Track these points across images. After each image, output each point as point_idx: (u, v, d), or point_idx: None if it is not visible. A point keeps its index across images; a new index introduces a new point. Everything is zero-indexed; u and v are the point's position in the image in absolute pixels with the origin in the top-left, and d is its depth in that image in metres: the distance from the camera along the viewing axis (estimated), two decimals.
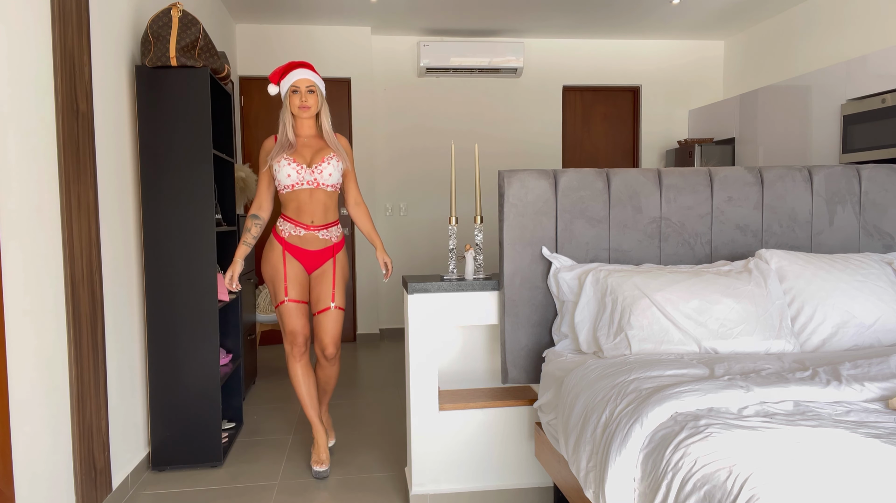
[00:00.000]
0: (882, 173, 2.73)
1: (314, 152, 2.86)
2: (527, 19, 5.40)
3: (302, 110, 2.81)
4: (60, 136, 2.26)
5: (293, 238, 2.87)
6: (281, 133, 2.85)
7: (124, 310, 2.82)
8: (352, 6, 5.03)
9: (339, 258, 2.95)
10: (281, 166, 2.80)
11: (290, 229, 2.87)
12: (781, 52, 5.26)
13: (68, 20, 2.34)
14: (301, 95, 2.80)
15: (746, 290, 2.27)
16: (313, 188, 2.83)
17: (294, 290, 2.89)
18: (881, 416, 1.58)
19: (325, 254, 2.92)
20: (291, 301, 2.88)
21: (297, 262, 2.90)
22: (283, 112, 2.86)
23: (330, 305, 2.90)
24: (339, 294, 2.93)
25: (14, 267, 1.96)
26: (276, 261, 2.88)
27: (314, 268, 2.93)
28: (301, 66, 2.84)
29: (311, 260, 2.91)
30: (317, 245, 2.89)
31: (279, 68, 2.87)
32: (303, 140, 2.87)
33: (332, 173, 2.84)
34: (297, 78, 2.80)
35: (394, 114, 5.87)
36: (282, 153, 2.81)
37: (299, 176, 2.81)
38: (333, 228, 2.93)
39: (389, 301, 5.95)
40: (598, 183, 2.57)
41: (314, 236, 2.88)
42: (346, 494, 2.77)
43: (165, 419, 2.98)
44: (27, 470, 2.01)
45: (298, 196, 2.84)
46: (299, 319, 2.91)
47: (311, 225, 2.86)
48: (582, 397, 1.95)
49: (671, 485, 1.44)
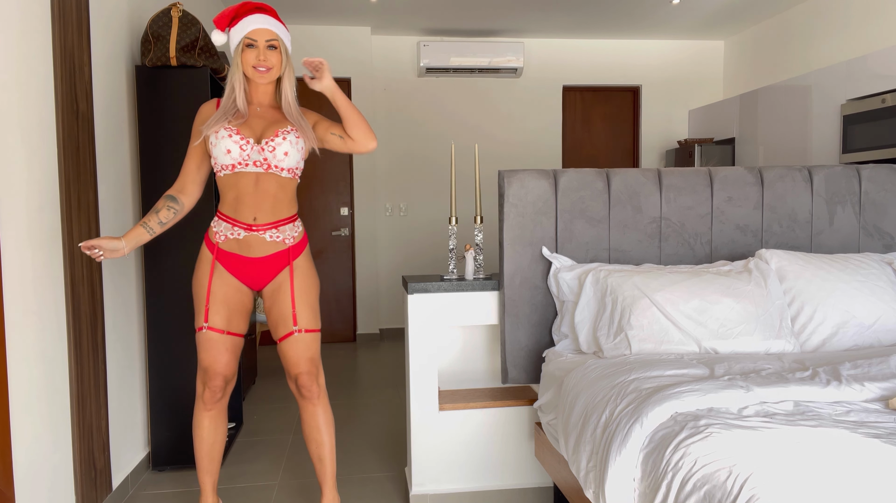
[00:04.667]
0: (882, 173, 2.73)
1: (267, 124, 2.16)
2: (527, 19, 5.40)
3: (259, 73, 2.12)
4: (60, 136, 2.26)
5: (229, 243, 2.16)
6: (227, 97, 2.15)
7: (124, 310, 2.81)
8: (352, 6, 5.03)
9: (298, 265, 2.23)
10: (219, 138, 2.09)
11: (226, 231, 2.16)
12: (781, 52, 5.26)
13: (68, 20, 2.33)
14: (259, 52, 2.10)
15: (746, 290, 2.27)
16: (261, 172, 2.12)
17: (218, 315, 2.17)
18: (881, 416, 1.58)
19: (277, 263, 2.20)
20: (212, 329, 2.17)
21: (232, 278, 2.19)
22: (231, 71, 2.14)
23: (292, 330, 2.22)
24: (303, 313, 2.23)
25: (14, 267, 1.96)
26: (201, 276, 2.19)
27: (263, 282, 2.23)
28: (259, 11, 2.12)
29: (255, 271, 2.19)
30: (262, 250, 2.17)
31: (228, 10, 2.14)
32: (255, 109, 2.19)
33: (288, 152, 2.12)
34: (254, 27, 2.09)
35: (394, 114, 5.87)
36: (222, 122, 2.10)
37: (243, 153, 2.09)
38: (287, 227, 2.20)
39: (389, 301, 5.95)
40: (598, 183, 2.57)
41: (258, 239, 2.15)
42: (346, 494, 2.77)
43: (165, 419, 2.98)
44: (27, 470, 2.01)
45: (239, 182, 2.13)
46: (221, 355, 2.19)
47: (254, 223, 2.14)
48: (582, 397, 1.95)
49: (671, 485, 1.45)
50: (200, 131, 2.16)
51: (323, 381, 2.31)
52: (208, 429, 2.28)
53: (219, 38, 2.18)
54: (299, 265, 2.24)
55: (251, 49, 2.11)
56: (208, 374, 2.22)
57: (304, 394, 2.28)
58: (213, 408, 2.26)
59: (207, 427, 2.28)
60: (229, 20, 2.14)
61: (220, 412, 2.29)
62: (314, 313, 2.27)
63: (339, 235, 5.75)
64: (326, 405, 2.32)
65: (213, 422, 2.28)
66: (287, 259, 2.22)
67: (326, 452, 2.32)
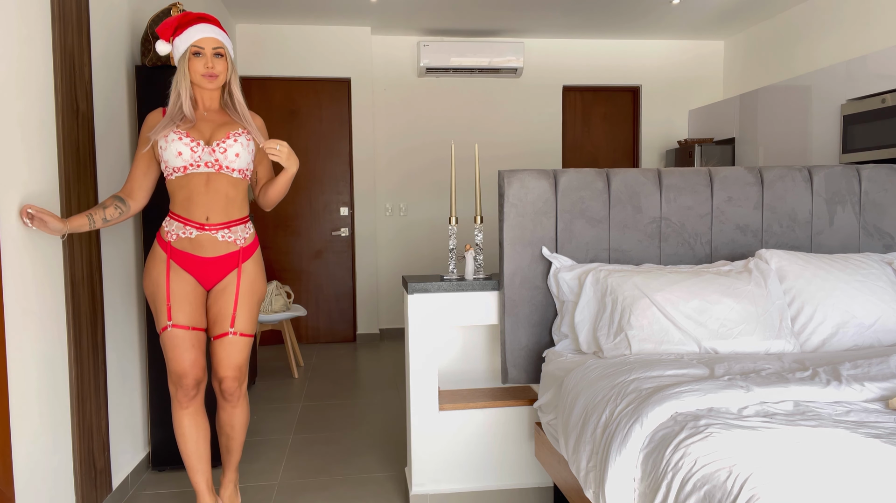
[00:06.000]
0: (882, 173, 2.73)
1: (216, 127, 2.23)
2: (527, 19, 5.40)
3: (208, 79, 2.19)
4: (60, 135, 2.26)
5: (181, 242, 2.20)
6: (172, 104, 2.21)
7: (124, 310, 2.82)
8: (352, 6, 5.03)
9: (246, 268, 2.27)
10: (169, 142, 2.15)
11: (178, 230, 2.20)
12: (781, 52, 5.26)
13: (68, 20, 2.34)
14: (206, 59, 2.18)
15: (746, 290, 2.27)
16: (212, 172, 2.19)
17: (181, 313, 2.19)
18: (881, 416, 1.58)
19: (228, 263, 2.24)
20: (176, 327, 2.19)
21: (188, 275, 2.23)
22: (177, 79, 2.20)
23: (228, 331, 2.24)
24: (242, 316, 2.25)
25: (14, 267, 1.96)
26: (157, 275, 2.22)
27: (214, 281, 2.26)
28: (203, 21, 2.21)
29: (207, 271, 2.23)
30: (214, 250, 2.22)
31: (173, 18, 2.21)
32: (202, 114, 2.26)
33: (239, 153, 2.20)
34: (200, 36, 2.17)
35: (394, 114, 5.87)
36: (171, 127, 2.17)
37: (194, 155, 2.16)
38: (238, 227, 2.26)
39: (389, 301, 5.95)
40: (598, 183, 2.57)
41: (210, 238, 2.20)
42: (346, 494, 2.77)
43: (165, 419, 2.98)
44: (27, 470, 2.01)
45: (190, 183, 2.18)
46: (188, 353, 2.20)
47: (207, 223, 2.19)
48: (582, 397, 1.95)
49: (671, 485, 1.45)
50: (148, 138, 2.22)
51: (245, 387, 2.35)
52: (189, 427, 2.29)
53: (163, 48, 2.25)
54: (247, 268, 2.28)
55: (198, 57, 2.19)
56: (178, 374, 2.23)
57: (227, 397, 2.33)
58: (190, 406, 2.28)
59: (188, 426, 2.29)
60: (173, 30, 2.23)
61: (198, 409, 2.30)
62: (252, 319, 2.31)
63: (339, 235, 5.75)
64: (245, 406, 2.39)
65: (193, 420, 2.29)
66: (237, 261, 2.27)
67: (235, 446, 2.44)
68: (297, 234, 5.71)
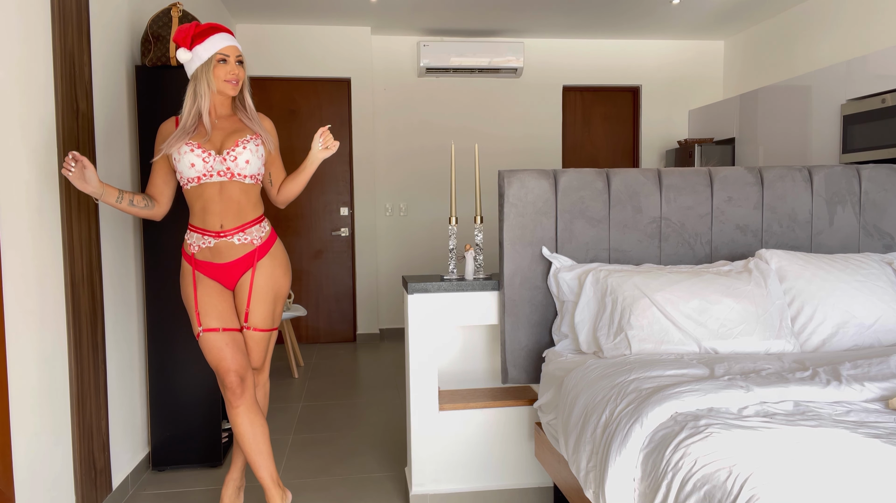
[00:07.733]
0: (882, 173, 2.73)
1: (226, 135, 2.31)
2: (527, 19, 5.40)
3: (231, 85, 2.29)
4: (60, 136, 2.26)
5: (203, 253, 2.29)
6: (189, 114, 2.27)
7: (124, 310, 2.82)
8: (352, 6, 5.03)
9: (261, 265, 2.33)
10: (182, 154, 2.22)
11: (198, 241, 2.29)
12: (781, 52, 5.26)
13: (68, 20, 2.34)
14: (231, 66, 2.27)
15: (746, 290, 2.27)
16: (225, 181, 2.26)
17: (211, 317, 2.28)
18: (881, 416, 1.58)
19: (245, 263, 2.32)
20: (207, 331, 2.26)
21: (212, 281, 2.32)
22: (197, 84, 2.26)
23: (242, 326, 2.34)
24: (256, 311, 2.33)
25: (14, 267, 1.96)
26: (186, 287, 2.33)
27: (234, 282, 2.35)
28: (223, 30, 2.31)
29: (227, 274, 2.32)
30: (233, 254, 2.30)
31: (187, 27, 2.28)
32: (213, 121, 2.34)
33: (249, 160, 2.27)
34: (225, 45, 2.27)
35: (394, 114, 5.87)
36: (183, 138, 2.24)
37: (206, 165, 2.23)
38: (254, 228, 2.33)
39: (389, 301, 5.95)
40: (598, 183, 2.57)
41: (227, 244, 2.28)
42: (346, 494, 2.77)
43: (165, 419, 2.98)
44: (27, 470, 2.01)
45: (205, 192, 2.26)
46: (225, 351, 2.26)
47: (222, 230, 2.27)
48: (582, 397, 1.95)
49: (671, 485, 1.45)
50: (161, 150, 2.29)
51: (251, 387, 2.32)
52: (244, 425, 2.30)
53: (184, 56, 2.28)
54: (262, 265, 2.34)
55: (223, 64, 2.27)
56: (219, 373, 2.28)
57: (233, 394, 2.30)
58: (240, 405, 2.28)
59: (242, 423, 2.30)
60: (191, 39, 2.27)
61: (250, 406, 2.31)
62: (267, 313, 2.35)
63: (339, 235, 5.75)
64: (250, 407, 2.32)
65: (247, 417, 2.30)
66: (252, 260, 2.33)
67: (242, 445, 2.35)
68: (298, 234, 5.71)
